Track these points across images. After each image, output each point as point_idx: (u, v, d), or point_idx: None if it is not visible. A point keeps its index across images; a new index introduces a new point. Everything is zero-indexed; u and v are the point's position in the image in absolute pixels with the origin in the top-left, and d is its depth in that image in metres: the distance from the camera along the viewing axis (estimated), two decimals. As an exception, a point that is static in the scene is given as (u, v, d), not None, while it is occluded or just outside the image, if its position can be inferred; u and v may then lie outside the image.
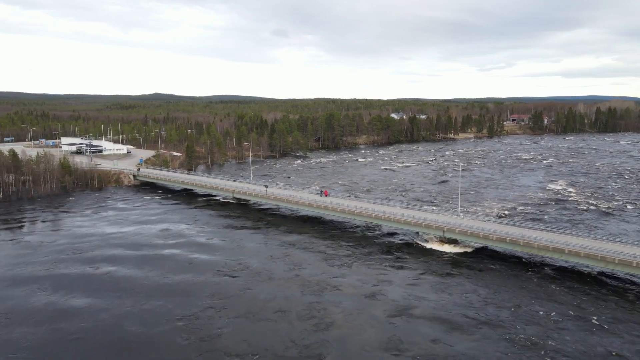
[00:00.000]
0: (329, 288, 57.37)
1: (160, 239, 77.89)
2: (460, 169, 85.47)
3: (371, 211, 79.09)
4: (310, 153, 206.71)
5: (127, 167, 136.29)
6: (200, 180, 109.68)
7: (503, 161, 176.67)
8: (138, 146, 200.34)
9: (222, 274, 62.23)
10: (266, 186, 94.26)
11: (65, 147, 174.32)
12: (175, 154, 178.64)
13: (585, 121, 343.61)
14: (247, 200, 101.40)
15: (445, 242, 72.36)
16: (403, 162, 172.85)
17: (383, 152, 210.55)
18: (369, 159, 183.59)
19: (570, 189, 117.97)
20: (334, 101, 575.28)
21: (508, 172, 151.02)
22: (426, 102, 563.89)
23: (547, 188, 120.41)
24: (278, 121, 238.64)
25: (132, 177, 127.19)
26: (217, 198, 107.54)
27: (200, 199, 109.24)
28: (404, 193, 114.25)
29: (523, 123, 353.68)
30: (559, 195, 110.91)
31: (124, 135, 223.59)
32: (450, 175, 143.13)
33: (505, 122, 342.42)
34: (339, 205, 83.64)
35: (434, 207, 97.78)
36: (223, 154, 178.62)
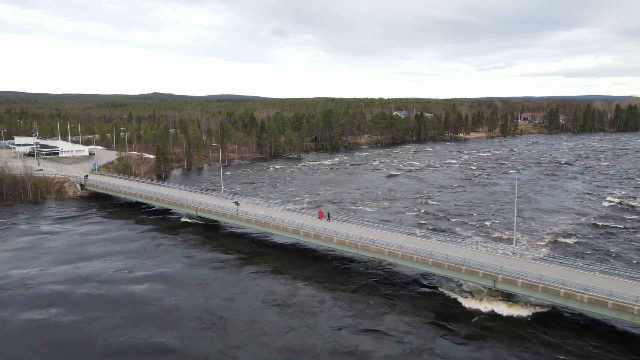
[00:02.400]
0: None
1: (84, 286, 52.77)
2: (517, 178, 59.10)
3: (382, 245, 54.00)
4: (305, 154, 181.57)
5: (80, 172, 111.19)
6: (157, 194, 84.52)
7: (537, 163, 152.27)
8: (110, 147, 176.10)
9: (186, 340, 37.42)
10: (237, 203, 69.25)
11: (18, 149, 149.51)
12: (147, 156, 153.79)
13: (605, 120, 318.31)
14: (215, 221, 76.42)
15: (498, 297, 47.36)
16: (415, 166, 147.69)
17: (389, 152, 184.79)
18: (374, 162, 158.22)
19: None
20: (333, 99, 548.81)
21: (549, 175, 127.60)
22: (430, 101, 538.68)
23: (609, 197, 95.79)
24: (270, 119, 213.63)
25: (78, 186, 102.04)
26: (179, 215, 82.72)
27: (157, 216, 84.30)
28: (424, 207, 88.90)
29: (536, 121, 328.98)
30: (633, 209, 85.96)
31: (96, 135, 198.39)
32: (478, 181, 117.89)
33: (518, 121, 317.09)
34: (336, 234, 58.54)
35: (475, 226, 72.45)
36: (202, 156, 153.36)
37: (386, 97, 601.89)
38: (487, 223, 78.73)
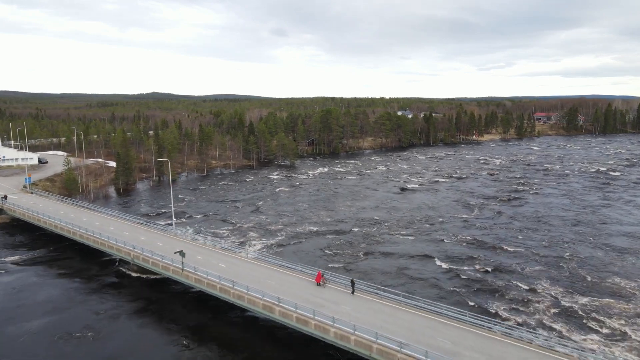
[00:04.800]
0: None
1: None
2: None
3: (420, 355, 29.64)
4: (301, 161, 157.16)
5: (10, 189, 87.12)
6: (82, 228, 59.86)
7: (580, 170, 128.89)
8: (79, 153, 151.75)
9: None
10: (182, 254, 44.94)
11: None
12: (112, 164, 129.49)
13: (626, 120, 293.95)
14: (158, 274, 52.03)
15: None
16: (436, 175, 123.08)
17: (399, 158, 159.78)
18: (384, 169, 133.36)
19: None
20: (333, 99, 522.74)
21: (606, 186, 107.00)
22: (433, 100, 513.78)
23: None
24: (261, 120, 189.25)
25: (-4, 210, 77.59)
26: (115, 259, 58.33)
27: (88, 258, 59.94)
28: (470, 235, 64.31)
29: (550, 122, 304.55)
30: None
31: (61, 138, 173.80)
32: (525, 195, 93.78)
33: (535, 122, 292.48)
34: (334, 322, 34.20)
35: (553, 264, 47.90)
36: (176, 165, 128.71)
37: (387, 97, 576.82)
38: (565, 255, 55.36)
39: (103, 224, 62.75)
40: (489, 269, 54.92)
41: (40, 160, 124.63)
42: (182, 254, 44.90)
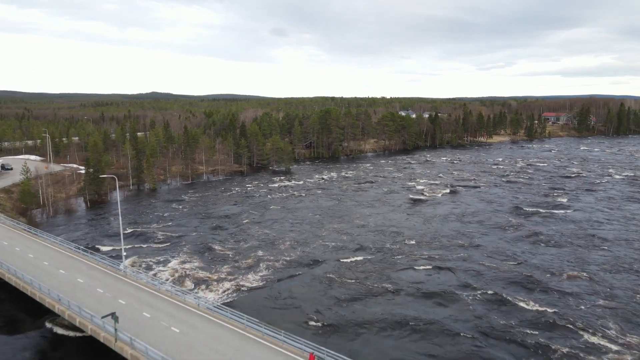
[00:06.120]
0: None
1: None
2: None
3: None
4: (297, 166, 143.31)
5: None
6: (2, 267, 45.93)
7: (613, 177, 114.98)
8: (58, 157, 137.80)
9: None
10: (114, 317, 31.20)
11: None
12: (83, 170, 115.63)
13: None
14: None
15: None
16: (455, 181, 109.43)
17: (407, 162, 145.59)
18: (393, 176, 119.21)
19: None
20: (333, 99, 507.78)
21: None
22: (435, 100, 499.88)
23: None
24: (255, 120, 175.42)
25: None
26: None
27: (19, 303, 46.26)
28: (525, 266, 50.73)
29: (559, 122, 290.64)
30: None
31: (38, 141, 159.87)
32: (568, 209, 79.75)
33: (546, 122, 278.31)
34: None
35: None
36: (154, 173, 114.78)
37: (388, 97, 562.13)
38: (637, 286, 41.85)
39: (38, 256, 48.97)
40: (543, 310, 42.25)
41: (4, 167, 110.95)
42: (114, 317, 31.03)
